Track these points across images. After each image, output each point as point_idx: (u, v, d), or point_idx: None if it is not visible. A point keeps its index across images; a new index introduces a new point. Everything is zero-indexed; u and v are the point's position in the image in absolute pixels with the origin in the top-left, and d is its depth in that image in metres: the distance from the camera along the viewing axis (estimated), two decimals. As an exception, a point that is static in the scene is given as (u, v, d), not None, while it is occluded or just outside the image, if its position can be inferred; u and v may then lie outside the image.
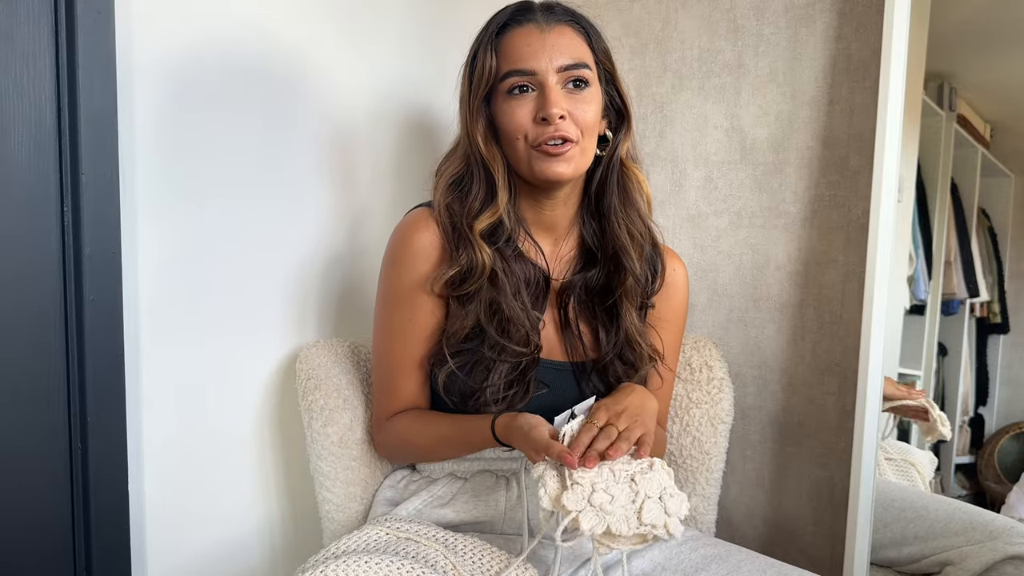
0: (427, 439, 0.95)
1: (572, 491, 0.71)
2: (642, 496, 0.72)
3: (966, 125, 1.36)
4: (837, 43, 1.23)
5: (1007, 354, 1.42)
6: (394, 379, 0.97)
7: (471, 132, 0.93)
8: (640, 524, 0.71)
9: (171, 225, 0.96)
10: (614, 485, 0.72)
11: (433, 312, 0.95)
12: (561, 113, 0.88)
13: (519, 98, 0.90)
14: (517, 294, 0.92)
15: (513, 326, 0.90)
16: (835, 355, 1.25)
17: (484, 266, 0.90)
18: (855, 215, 1.22)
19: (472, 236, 0.91)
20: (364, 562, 0.73)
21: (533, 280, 0.96)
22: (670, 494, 0.74)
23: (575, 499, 0.70)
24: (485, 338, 0.91)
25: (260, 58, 1.06)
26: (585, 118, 0.90)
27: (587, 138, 0.91)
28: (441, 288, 0.93)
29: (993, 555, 1.07)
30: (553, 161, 0.89)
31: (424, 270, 0.94)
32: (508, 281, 0.91)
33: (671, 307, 1.04)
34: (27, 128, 0.80)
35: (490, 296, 0.91)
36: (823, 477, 1.27)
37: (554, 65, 0.88)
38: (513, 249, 0.95)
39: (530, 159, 0.90)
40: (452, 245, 0.93)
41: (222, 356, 1.04)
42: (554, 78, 0.89)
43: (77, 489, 0.87)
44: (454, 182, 0.95)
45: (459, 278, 0.92)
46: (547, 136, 0.88)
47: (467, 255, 0.91)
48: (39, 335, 0.83)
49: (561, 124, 0.88)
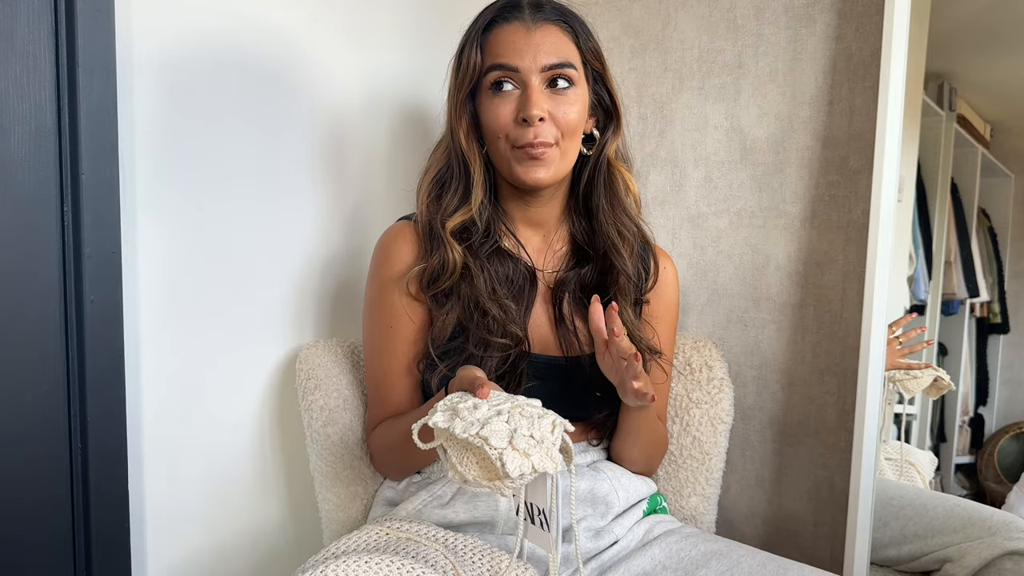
0: (398, 431, 0.94)
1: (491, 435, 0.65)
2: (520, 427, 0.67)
3: (966, 125, 1.36)
4: (837, 43, 1.23)
5: (1007, 354, 1.42)
6: (383, 386, 0.98)
7: (454, 128, 0.94)
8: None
9: (171, 225, 0.96)
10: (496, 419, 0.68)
11: (413, 315, 0.96)
12: (541, 115, 0.88)
13: (501, 96, 0.90)
14: (493, 291, 0.93)
15: (493, 321, 0.91)
16: (835, 355, 1.25)
17: (455, 264, 0.91)
18: (855, 215, 1.22)
19: (443, 234, 0.92)
20: (364, 562, 0.73)
21: (514, 275, 0.96)
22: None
23: (497, 436, 0.65)
24: (469, 336, 0.91)
25: (261, 58, 1.06)
26: (567, 119, 0.90)
27: (568, 140, 0.92)
28: (416, 288, 0.94)
29: (992, 551, 1.07)
30: (531, 166, 0.91)
31: (399, 273, 0.95)
32: (482, 276, 0.92)
33: (663, 304, 1.05)
34: (27, 128, 0.80)
35: (467, 293, 0.92)
36: (823, 477, 1.27)
37: (538, 64, 0.89)
38: (491, 246, 0.95)
39: (510, 161, 0.92)
40: (427, 246, 0.94)
41: (222, 356, 1.04)
42: (537, 78, 0.89)
43: (77, 489, 0.87)
44: (436, 179, 0.97)
45: (432, 276, 0.93)
46: (527, 142, 0.89)
47: (439, 254, 0.93)
48: (39, 335, 0.83)
49: (540, 127, 0.89)
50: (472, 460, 0.67)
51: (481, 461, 0.67)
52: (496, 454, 0.65)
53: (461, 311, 0.92)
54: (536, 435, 0.67)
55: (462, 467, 0.67)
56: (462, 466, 0.67)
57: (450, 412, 0.69)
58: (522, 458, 0.65)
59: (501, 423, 0.67)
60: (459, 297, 0.93)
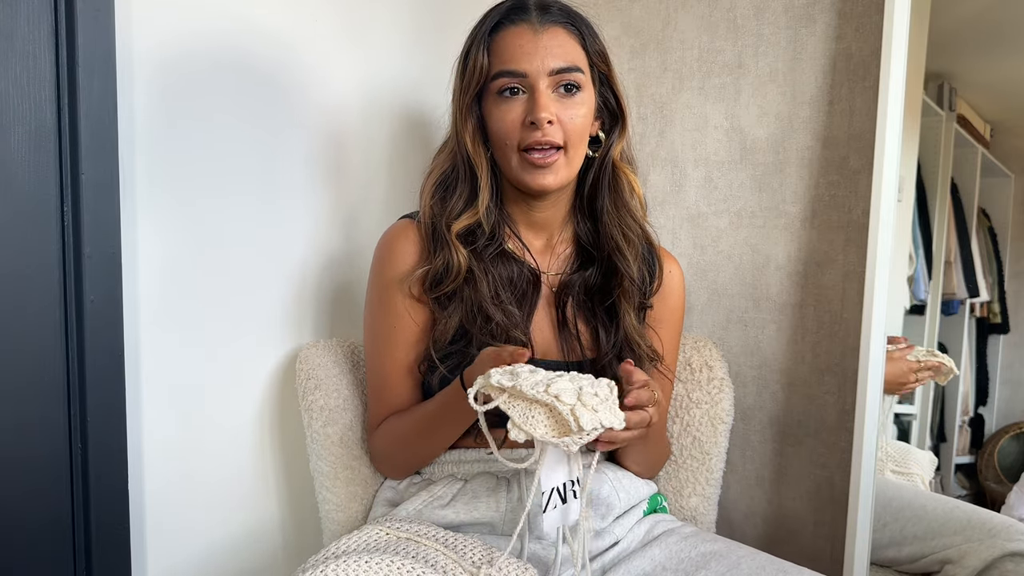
0: (410, 423, 0.94)
1: (558, 396, 0.69)
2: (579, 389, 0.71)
3: (966, 125, 1.36)
4: (837, 43, 1.23)
5: (1007, 354, 1.42)
6: (385, 386, 0.97)
7: (460, 131, 0.94)
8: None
9: (171, 225, 0.96)
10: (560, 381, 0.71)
11: (416, 317, 0.95)
12: (549, 118, 0.88)
13: (509, 100, 0.90)
14: (496, 294, 0.92)
15: (496, 326, 0.90)
16: (835, 355, 1.25)
17: (460, 267, 0.91)
18: (855, 215, 1.22)
19: (449, 237, 0.92)
20: (364, 562, 0.73)
21: (518, 279, 0.96)
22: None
23: (567, 393, 0.69)
24: (471, 339, 0.91)
25: (261, 58, 1.06)
26: (574, 123, 0.90)
27: (574, 145, 0.92)
28: (419, 290, 0.94)
29: (992, 552, 1.07)
30: (538, 173, 0.91)
31: (402, 274, 0.95)
32: (486, 280, 0.92)
33: (668, 308, 1.04)
34: (27, 128, 0.80)
35: (470, 296, 0.92)
36: (823, 477, 1.27)
37: (546, 68, 0.89)
38: (496, 249, 0.95)
39: (517, 166, 0.92)
40: (431, 247, 0.94)
41: (222, 356, 1.04)
42: (545, 81, 0.89)
43: (77, 489, 0.87)
44: (440, 181, 0.96)
45: (435, 279, 0.93)
46: (534, 140, 0.89)
47: (443, 256, 0.92)
48: (39, 335, 0.83)
49: (548, 129, 0.89)
50: (540, 417, 0.70)
51: (550, 418, 0.70)
52: (567, 409, 0.68)
53: (464, 315, 0.92)
54: (600, 394, 0.71)
55: (527, 425, 0.70)
56: (527, 424, 0.70)
57: (509, 374, 0.71)
58: (591, 413, 0.69)
59: (565, 382, 0.70)
60: (462, 300, 0.92)
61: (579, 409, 0.68)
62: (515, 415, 0.70)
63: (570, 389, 0.69)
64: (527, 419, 0.70)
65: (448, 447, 0.96)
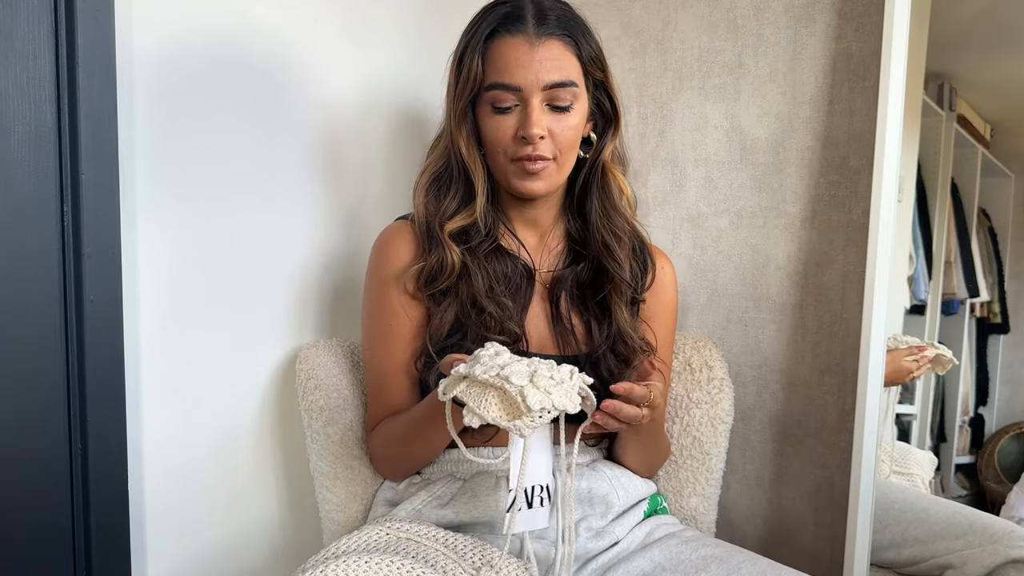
0: (402, 425, 0.94)
1: (510, 377, 0.67)
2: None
3: (966, 125, 1.36)
4: (837, 43, 1.23)
5: (1007, 354, 1.42)
6: (383, 385, 0.98)
7: (455, 136, 0.95)
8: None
9: (171, 225, 0.96)
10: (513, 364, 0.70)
11: (411, 313, 0.96)
12: (541, 133, 0.90)
13: (502, 113, 0.91)
14: (490, 288, 0.93)
15: (490, 318, 0.92)
16: (835, 355, 1.25)
17: (453, 265, 0.93)
18: (855, 215, 1.22)
19: (442, 236, 0.93)
20: (364, 562, 0.73)
21: (512, 274, 0.97)
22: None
23: (517, 376, 0.67)
24: (467, 333, 0.92)
25: (261, 58, 1.06)
26: (565, 136, 0.92)
27: (565, 153, 0.93)
28: (414, 286, 0.95)
29: (994, 558, 1.07)
30: (528, 180, 0.93)
31: (397, 271, 0.96)
32: (480, 275, 0.93)
33: (660, 303, 1.05)
34: (27, 128, 0.80)
35: (464, 291, 0.93)
36: (823, 477, 1.27)
37: (540, 83, 0.89)
38: (490, 245, 0.96)
39: (508, 173, 0.94)
40: (425, 246, 0.95)
41: (222, 356, 1.04)
42: (538, 96, 0.90)
43: (77, 489, 0.87)
44: (434, 179, 0.98)
45: (430, 276, 0.94)
46: (524, 154, 0.91)
47: (437, 254, 0.93)
48: (39, 335, 0.83)
49: (540, 144, 0.90)
50: (492, 401, 0.68)
51: (502, 401, 0.68)
52: (516, 390, 0.66)
53: (459, 309, 0.93)
54: (556, 377, 0.69)
55: (480, 408, 0.68)
56: (480, 408, 0.68)
57: (472, 361, 0.71)
58: (543, 394, 0.67)
59: (522, 366, 0.69)
60: (457, 295, 0.93)
61: (528, 390, 0.66)
62: (470, 400, 0.69)
63: (523, 372, 0.68)
64: (480, 403, 0.68)
65: (443, 449, 0.96)
